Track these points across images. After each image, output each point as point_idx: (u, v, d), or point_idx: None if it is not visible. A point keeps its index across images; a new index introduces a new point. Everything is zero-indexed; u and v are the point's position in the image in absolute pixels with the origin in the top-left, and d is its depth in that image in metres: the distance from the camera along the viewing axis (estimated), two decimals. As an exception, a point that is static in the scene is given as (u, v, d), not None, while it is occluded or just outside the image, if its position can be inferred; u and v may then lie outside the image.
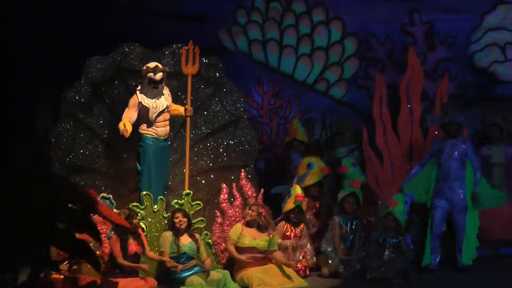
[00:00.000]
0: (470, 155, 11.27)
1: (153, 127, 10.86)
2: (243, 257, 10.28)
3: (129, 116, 10.76)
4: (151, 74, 10.78)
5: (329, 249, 11.04)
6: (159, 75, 10.81)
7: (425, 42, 13.01)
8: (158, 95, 10.86)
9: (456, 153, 11.21)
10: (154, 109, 10.81)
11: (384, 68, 13.04)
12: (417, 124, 12.50)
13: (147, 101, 10.79)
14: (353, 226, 11.10)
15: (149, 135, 10.82)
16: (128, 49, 11.47)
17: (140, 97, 10.80)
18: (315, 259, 11.08)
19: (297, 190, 11.11)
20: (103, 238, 10.32)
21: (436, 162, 11.37)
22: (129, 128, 10.63)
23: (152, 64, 10.85)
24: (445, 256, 11.57)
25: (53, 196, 8.82)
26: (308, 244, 11.07)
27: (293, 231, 11.05)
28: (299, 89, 13.18)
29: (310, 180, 11.64)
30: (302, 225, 11.11)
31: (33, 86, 11.83)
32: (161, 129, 10.91)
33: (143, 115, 10.82)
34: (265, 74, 13.15)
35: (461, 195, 11.25)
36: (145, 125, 10.84)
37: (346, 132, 12.76)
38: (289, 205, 11.05)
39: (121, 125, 10.62)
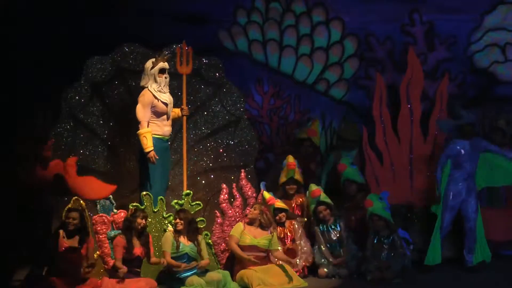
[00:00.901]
0: (493, 150, 11.35)
1: (160, 126, 10.79)
2: (248, 256, 10.27)
3: (147, 116, 10.70)
4: (163, 64, 10.77)
5: (322, 260, 11.05)
6: (167, 64, 10.85)
7: (425, 42, 13.00)
8: (167, 87, 10.83)
9: (476, 153, 11.28)
10: (170, 104, 10.81)
11: (384, 68, 13.03)
12: (417, 124, 12.49)
13: (164, 97, 10.76)
14: (335, 230, 11.12)
15: (155, 136, 10.77)
16: (128, 50, 11.50)
17: (156, 94, 10.75)
18: (312, 258, 11.10)
19: (265, 195, 11.19)
20: (102, 238, 10.34)
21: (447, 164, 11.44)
22: (152, 145, 10.67)
23: (159, 55, 10.88)
24: (448, 255, 11.61)
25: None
26: (303, 241, 11.09)
27: (286, 232, 11.10)
28: (299, 89, 13.17)
29: (282, 178, 11.65)
30: (292, 222, 11.14)
31: (33, 86, 11.84)
32: (167, 128, 10.88)
33: (156, 112, 10.76)
34: (265, 74, 13.13)
35: (476, 194, 11.31)
36: (152, 124, 10.79)
37: (356, 139, 12.71)
38: (270, 211, 11.11)
39: (151, 154, 10.62)
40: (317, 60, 13.13)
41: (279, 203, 11.17)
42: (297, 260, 10.98)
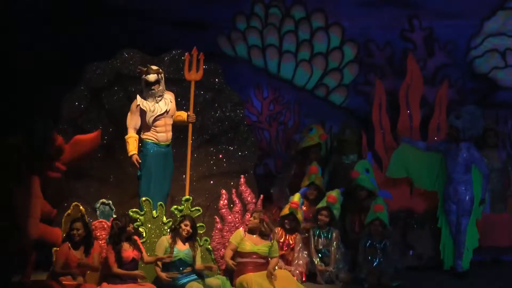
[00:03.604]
0: (477, 161, 11.32)
1: (152, 132, 10.81)
2: (230, 262, 10.24)
3: (134, 123, 10.74)
4: (144, 76, 10.75)
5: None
6: (152, 76, 10.73)
7: (424, 48, 13.00)
8: (156, 98, 10.81)
9: (459, 158, 11.27)
10: (151, 112, 10.76)
11: (384, 74, 13.03)
12: (417, 130, 12.49)
13: (145, 104, 10.75)
14: (327, 239, 11.14)
15: (149, 140, 10.78)
16: (127, 55, 11.49)
17: (139, 100, 10.76)
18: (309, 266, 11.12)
19: (294, 197, 11.17)
20: (102, 244, 10.32)
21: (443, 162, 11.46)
22: (136, 150, 10.71)
23: (145, 66, 10.84)
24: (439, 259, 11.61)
25: None
26: (302, 253, 11.10)
27: (287, 239, 11.12)
28: (298, 95, 13.18)
29: (304, 182, 11.77)
30: (296, 234, 11.15)
31: (32, 91, 11.86)
32: (162, 134, 10.86)
33: (142, 119, 10.80)
34: (264, 80, 13.14)
35: (466, 198, 11.29)
36: (145, 129, 10.81)
37: (355, 140, 12.65)
38: (285, 210, 11.12)
39: (133, 158, 10.70)
40: (317, 65, 13.14)
41: (300, 215, 11.21)
42: (292, 269, 10.99)
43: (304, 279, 10.98)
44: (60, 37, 12.24)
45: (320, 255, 11.12)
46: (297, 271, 10.96)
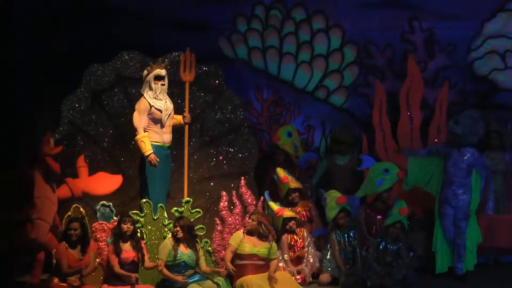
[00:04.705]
0: (478, 167, 11.30)
1: (160, 134, 10.80)
2: (230, 266, 10.23)
3: (143, 123, 10.74)
4: (158, 71, 10.78)
5: (329, 268, 11.07)
6: (164, 71, 10.84)
7: (425, 50, 13.01)
8: (164, 94, 10.84)
9: (463, 163, 11.23)
10: (165, 111, 10.80)
11: (384, 76, 13.03)
12: (417, 131, 12.51)
13: (159, 104, 10.77)
14: (350, 238, 11.14)
15: (154, 143, 10.77)
16: (128, 57, 11.50)
17: (152, 101, 10.76)
18: (318, 264, 11.10)
19: (272, 207, 11.23)
20: (102, 246, 10.33)
21: (440, 164, 11.42)
22: (151, 149, 10.69)
23: (155, 62, 10.89)
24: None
25: None
26: (311, 249, 11.11)
27: (297, 239, 11.11)
28: (298, 97, 13.17)
29: (282, 192, 11.69)
30: (302, 230, 11.16)
31: (33, 93, 11.85)
32: (167, 135, 10.88)
33: (154, 119, 10.78)
34: (264, 82, 13.13)
35: (465, 201, 11.27)
36: (151, 131, 10.81)
37: (350, 141, 12.61)
38: (278, 222, 11.14)
39: (151, 157, 10.64)
40: (317, 67, 13.14)
41: (288, 213, 11.17)
42: (304, 267, 11.00)
43: (309, 280, 10.99)
44: (60, 37, 12.23)
45: (344, 258, 11.14)
46: (307, 271, 10.98)
